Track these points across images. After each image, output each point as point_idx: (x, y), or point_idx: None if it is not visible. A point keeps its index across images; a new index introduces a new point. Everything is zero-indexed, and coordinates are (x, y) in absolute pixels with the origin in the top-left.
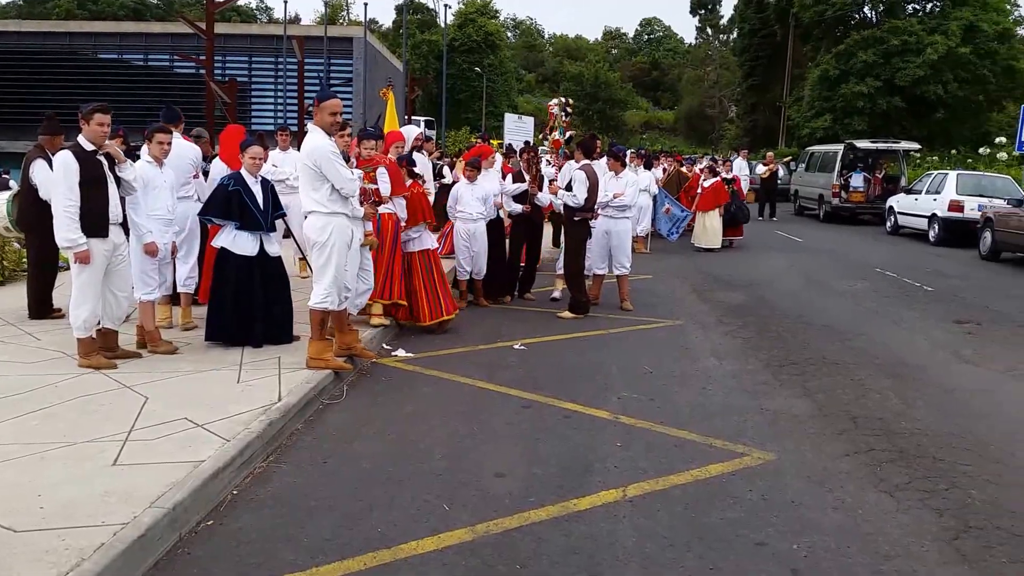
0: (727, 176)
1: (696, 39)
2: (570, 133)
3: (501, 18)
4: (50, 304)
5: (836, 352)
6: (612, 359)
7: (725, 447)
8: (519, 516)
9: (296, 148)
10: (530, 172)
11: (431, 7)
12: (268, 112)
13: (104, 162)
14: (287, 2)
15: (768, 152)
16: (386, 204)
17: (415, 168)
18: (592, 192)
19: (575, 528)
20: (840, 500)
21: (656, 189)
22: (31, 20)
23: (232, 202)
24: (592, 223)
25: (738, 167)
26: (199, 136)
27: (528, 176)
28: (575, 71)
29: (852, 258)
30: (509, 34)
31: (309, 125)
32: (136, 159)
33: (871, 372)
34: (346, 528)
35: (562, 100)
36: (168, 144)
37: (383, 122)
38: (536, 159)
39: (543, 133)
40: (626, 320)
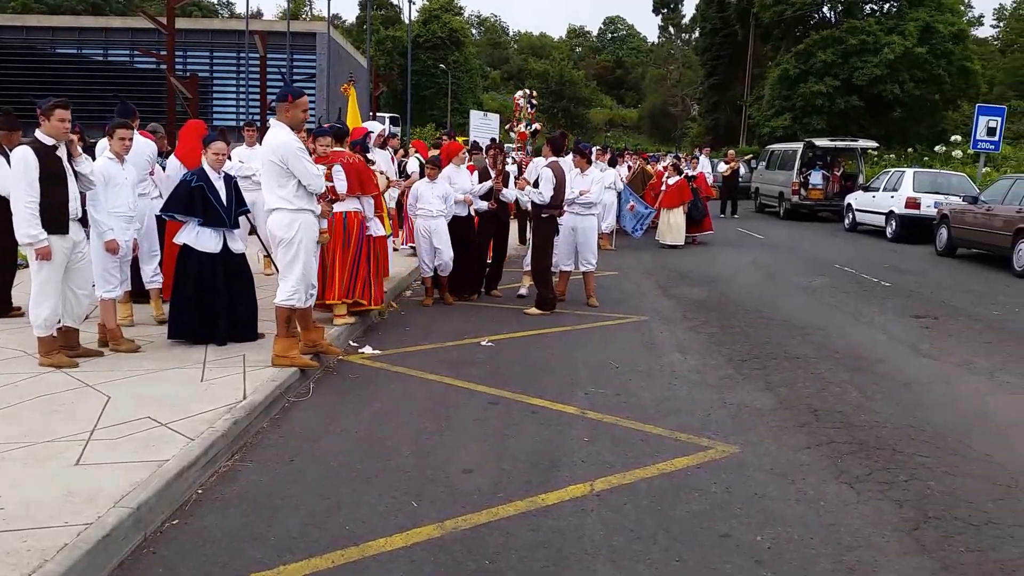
0: (691, 173)
1: (659, 38)
2: (536, 126)
3: (466, 15)
4: (9, 302)
5: (797, 346)
6: (579, 355)
7: (690, 440)
8: (487, 512)
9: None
10: (495, 168)
11: (395, 3)
12: (230, 108)
13: (63, 158)
14: None
15: (730, 150)
16: (344, 202)
17: (368, 155)
18: (559, 189)
19: (543, 523)
20: (802, 492)
21: (621, 186)
22: None
23: (195, 198)
24: (560, 220)
25: (702, 164)
26: (154, 131)
27: (493, 172)
28: (540, 69)
29: (812, 254)
30: (474, 31)
31: (272, 121)
32: (91, 155)
33: (831, 366)
34: (313, 526)
35: (527, 92)
36: (130, 140)
37: (345, 116)
38: (502, 156)
39: (509, 125)
40: (592, 316)
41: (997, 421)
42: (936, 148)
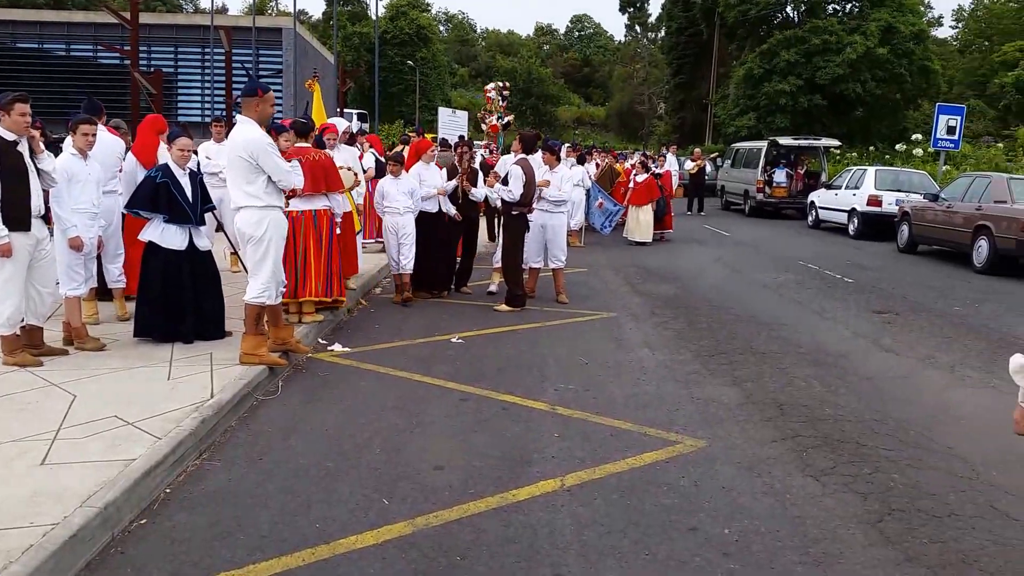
0: (658, 171)
1: (625, 37)
2: (508, 118)
3: (433, 11)
4: None
5: (762, 342)
6: (548, 351)
7: (659, 435)
8: (458, 508)
9: None
10: (462, 166)
11: None
12: (195, 104)
13: (25, 153)
14: None
15: (696, 148)
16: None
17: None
18: (528, 187)
19: (514, 518)
20: (769, 485)
21: (589, 183)
22: None
23: (160, 195)
24: (529, 217)
25: (669, 162)
26: (117, 127)
27: (460, 170)
28: (508, 66)
29: (776, 251)
30: (441, 28)
31: (239, 117)
32: (58, 152)
33: (796, 361)
34: (283, 524)
35: (499, 84)
36: (93, 136)
37: (311, 111)
38: (470, 154)
39: (480, 115)
40: (562, 313)
41: (958, 414)
42: (897, 146)
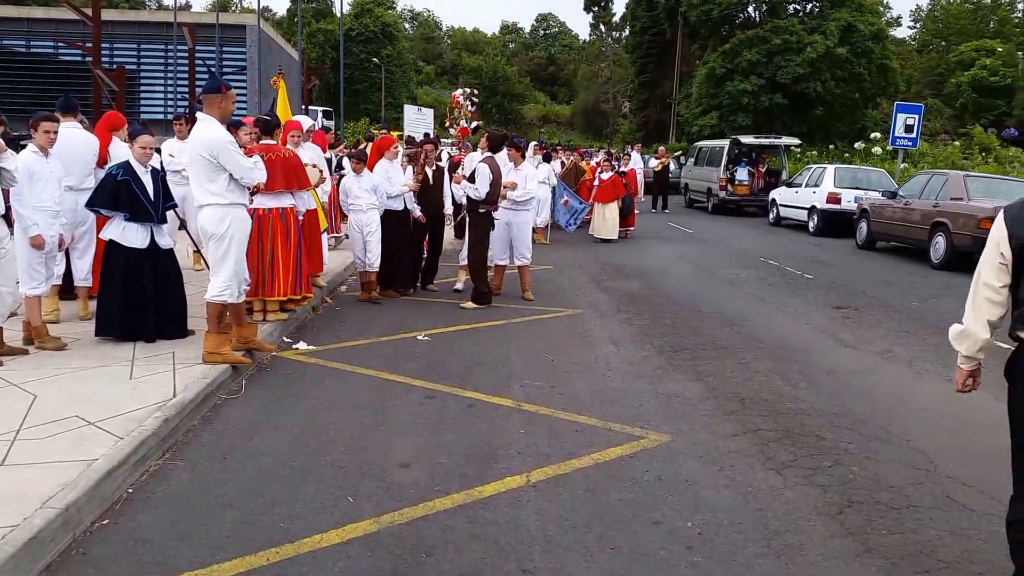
0: (622, 169)
1: (590, 35)
2: (477, 123)
3: (398, 8)
4: None
5: (725, 337)
6: (514, 348)
7: (623, 430)
8: (424, 506)
9: None
10: (418, 164)
11: None
12: (158, 101)
13: None
14: None
15: (660, 147)
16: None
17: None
18: (495, 185)
19: (480, 515)
20: (731, 478)
21: (555, 181)
22: None
23: (121, 193)
24: (495, 215)
25: (634, 161)
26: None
27: (415, 169)
28: (474, 64)
29: (739, 248)
30: (407, 25)
31: (200, 114)
32: (20, 149)
33: (757, 356)
34: (247, 524)
35: (467, 90)
36: (54, 133)
37: (276, 109)
38: (436, 152)
39: (448, 120)
40: (528, 310)
41: (916, 408)
42: (856, 145)
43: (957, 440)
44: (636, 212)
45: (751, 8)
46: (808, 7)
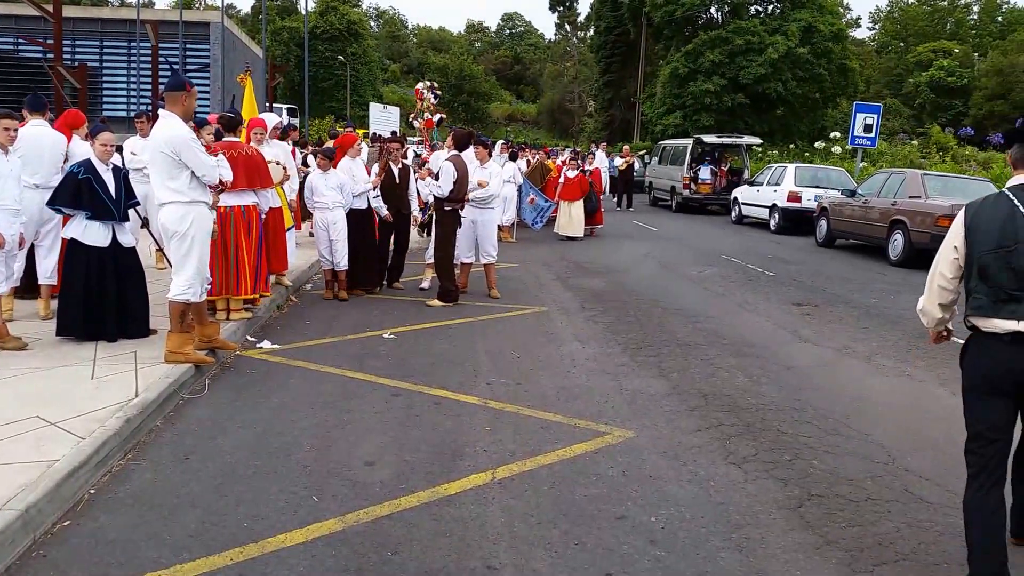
0: (587, 168)
1: (555, 35)
2: (440, 115)
3: (364, 6)
4: None
5: (688, 334)
6: (480, 346)
7: (588, 427)
8: (390, 504)
9: None
10: (382, 159)
11: None
12: (121, 98)
13: None
14: None
15: (625, 146)
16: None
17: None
18: (460, 183)
19: (445, 512)
20: (693, 473)
21: (521, 180)
22: None
23: (82, 191)
24: (462, 213)
25: (599, 159)
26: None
27: (377, 167)
28: (440, 63)
29: (702, 246)
30: (372, 23)
31: (162, 111)
32: None
33: (719, 352)
34: (211, 524)
35: (428, 83)
36: (14, 131)
37: (240, 105)
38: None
39: (412, 115)
40: (494, 308)
41: (874, 402)
42: (816, 144)
43: (914, 434)
44: (602, 210)
45: (713, 9)
46: (769, 8)
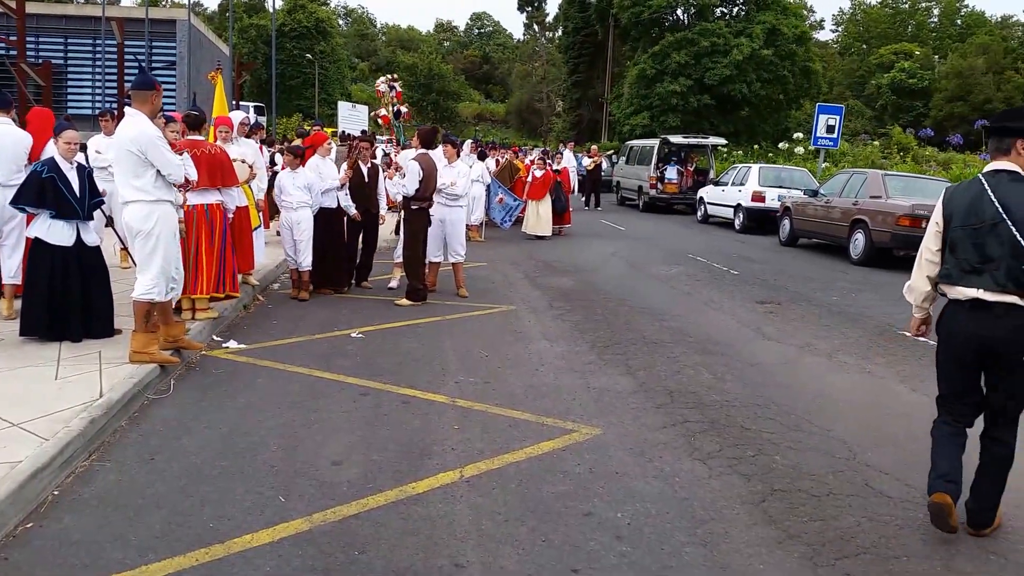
0: (556, 167)
1: (524, 35)
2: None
3: (332, 4)
4: None
5: (655, 332)
6: (449, 345)
7: (556, 424)
8: (357, 503)
9: None
10: (349, 159)
11: None
12: (86, 96)
13: None
14: None
15: (593, 146)
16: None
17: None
18: (427, 182)
19: (413, 511)
20: (659, 469)
21: (489, 179)
22: None
23: (46, 189)
24: (430, 211)
25: (566, 159)
26: None
27: (346, 165)
28: (409, 61)
29: (668, 245)
30: (341, 22)
31: (128, 109)
32: None
33: (685, 349)
34: (176, 525)
35: (387, 77)
36: None
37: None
38: (371, 150)
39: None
40: (462, 306)
41: (836, 399)
42: (780, 145)
43: (875, 429)
44: (570, 209)
45: (680, 11)
46: (734, 10)
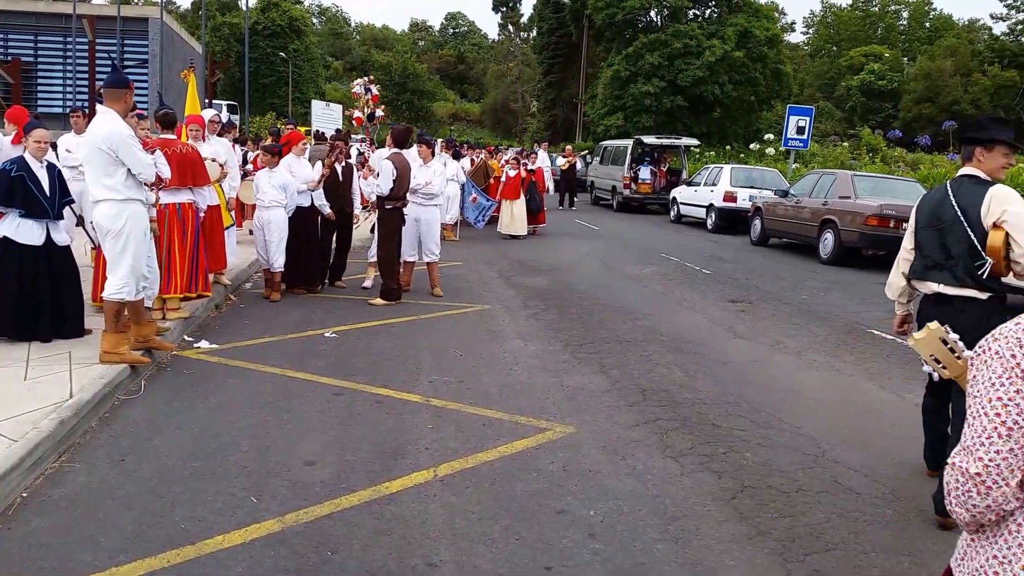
0: (531, 167)
1: (499, 35)
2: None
3: (306, 3)
4: None
5: (628, 331)
6: (423, 344)
7: (530, 423)
8: (330, 503)
9: None
10: (329, 158)
11: None
12: (57, 94)
13: None
14: None
15: (567, 146)
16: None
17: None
18: (400, 181)
19: (386, 510)
20: (632, 467)
21: (464, 178)
22: None
23: (15, 189)
24: (404, 210)
25: (541, 159)
26: None
27: (323, 165)
28: (384, 61)
29: (642, 245)
30: (315, 20)
31: (100, 107)
32: None
33: (658, 348)
34: (147, 526)
35: (364, 80)
36: None
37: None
38: (345, 149)
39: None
40: (437, 306)
41: (805, 396)
42: (751, 145)
43: (844, 427)
44: (545, 209)
45: (653, 12)
46: (707, 12)
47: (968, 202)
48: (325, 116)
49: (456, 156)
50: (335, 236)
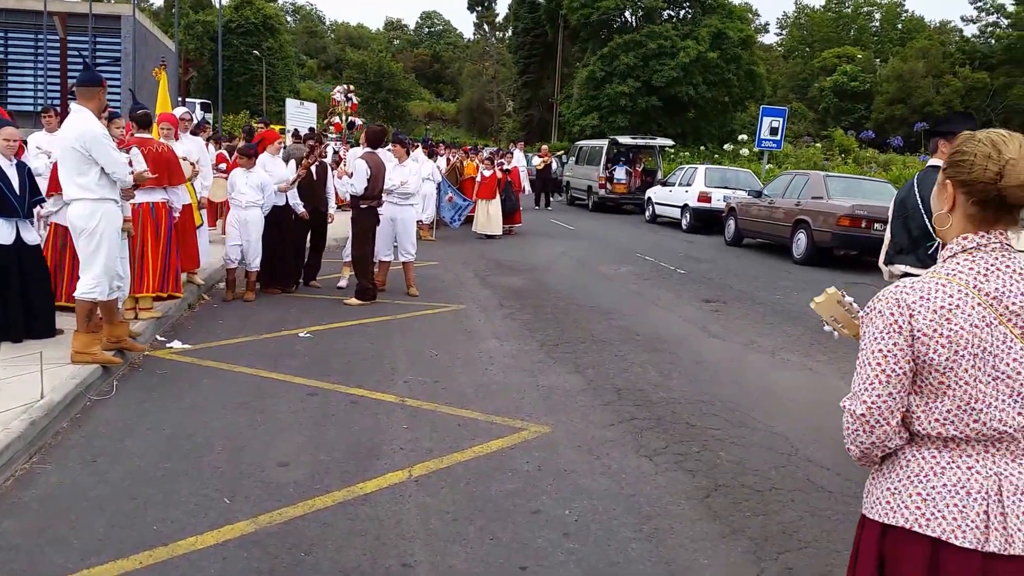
0: (507, 166)
1: (474, 35)
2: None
3: (280, 1)
4: None
5: (603, 330)
6: (399, 344)
7: (505, 423)
8: (304, 504)
9: None
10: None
11: None
12: (27, 92)
13: None
14: None
15: (543, 146)
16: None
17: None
18: (374, 181)
19: (361, 511)
20: (607, 466)
21: (440, 178)
22: None
23: None
24: (380, 210)
25: (517, 159)
26: None
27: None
28: (358, 59)
29: (617, 244)
30: (289, 19)
31: (74, 106)
32: None
33: (633, 348)
34: (119, 528)
35: (344, 87)
36: None
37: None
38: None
39: (327, 119)
40: (412, 306)
41: (778, 395)
42: (725, 146)
43: (816, 426)
44: (520, 209)
45: (628, 13)
46: (681, 13)
47: (928, 191)
48: (299, 114)
49: (431, 155)
50: (310, 235)
